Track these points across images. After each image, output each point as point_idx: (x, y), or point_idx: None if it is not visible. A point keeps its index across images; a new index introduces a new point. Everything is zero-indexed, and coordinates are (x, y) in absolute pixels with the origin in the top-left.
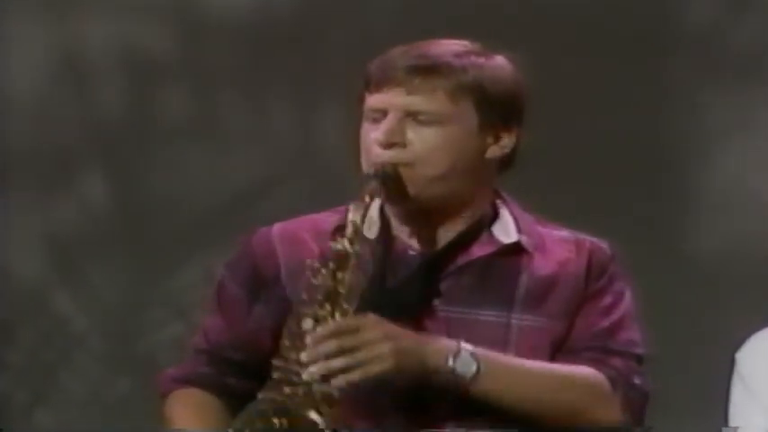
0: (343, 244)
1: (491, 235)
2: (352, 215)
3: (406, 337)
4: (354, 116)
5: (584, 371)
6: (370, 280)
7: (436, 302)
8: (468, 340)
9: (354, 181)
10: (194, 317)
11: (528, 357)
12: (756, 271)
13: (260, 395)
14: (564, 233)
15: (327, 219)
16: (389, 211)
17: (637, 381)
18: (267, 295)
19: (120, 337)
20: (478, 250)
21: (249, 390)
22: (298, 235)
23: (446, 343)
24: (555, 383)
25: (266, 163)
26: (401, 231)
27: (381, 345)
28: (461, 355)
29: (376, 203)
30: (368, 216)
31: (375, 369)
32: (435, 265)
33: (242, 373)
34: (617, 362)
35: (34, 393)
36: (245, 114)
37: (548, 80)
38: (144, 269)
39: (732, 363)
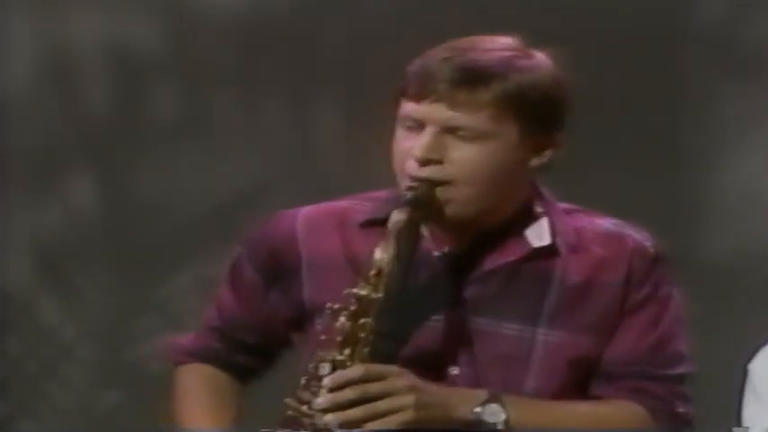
0: (367, 290)
1: (522, 237)
2: (379, 254)
3: (431, 390)
4: (352, 118)
5: (620, 408)
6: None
7: (459, 311)
8: (490, 354)
9: (351, 184)
10: (186, 325)
11: (551, 373)
12: None
13: None
14: (608, 225)
15: (357, 208)
16: None
17: (680, 408)
18: (284, 285)
19: (108, 347)
20: (507, 254)
21: (259, 366)
22: (322, 225)
23: (473, 392)
24: (588, 426)
25: (260, 165)
26: (427, 231)
27: (405, 396)
28: (490, 406)
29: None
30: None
31: (395, 420)
32: (459, 269)
33: (253, 351)
34: (660, 389)
35: (19, 405)
36: (238, 115)
37: None
38: (133, 276)
39: (745, 373)
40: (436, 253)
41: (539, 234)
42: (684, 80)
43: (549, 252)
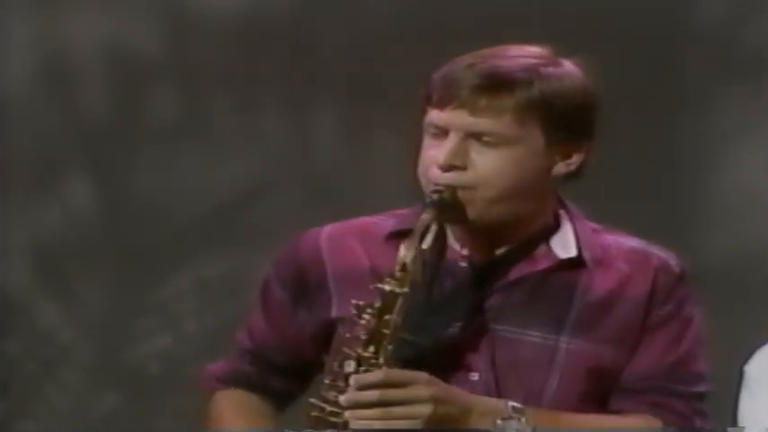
0: (392, 285)
1: (548, 249)
2: (404, 253)
3: (455, 400)
4: (352, 118)
5: (640, 422)
6: (416, 291)
7: (483, 319)
8: (512, 361)
9: (350, 184)
10: (184, 327)
11: (571, 380)
12: None
13: None
14: (633, 243)
15: (381, 223)
16: None
17: (698, 424)
18: (311, 302)
19: (107, 348)
20: (533, 265)
21: (292, 390)
22: (345, 240)
23: (495, 405)
24: None
25: (260, 165)
26: (454, 241)
27: (422, 406)
28: (513, 421)
29: (428, 237)
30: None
31: (408, 426)
32: (485, 279)
33: (285, 374)
34: (680, 406)
35: (18, 406)
36: (237, 116)
37: None
38: (133, 276)
39: (741, 374)
40: (463, 264)
41: (565, 246)
42: (684, 80)
43: (574, 264)
